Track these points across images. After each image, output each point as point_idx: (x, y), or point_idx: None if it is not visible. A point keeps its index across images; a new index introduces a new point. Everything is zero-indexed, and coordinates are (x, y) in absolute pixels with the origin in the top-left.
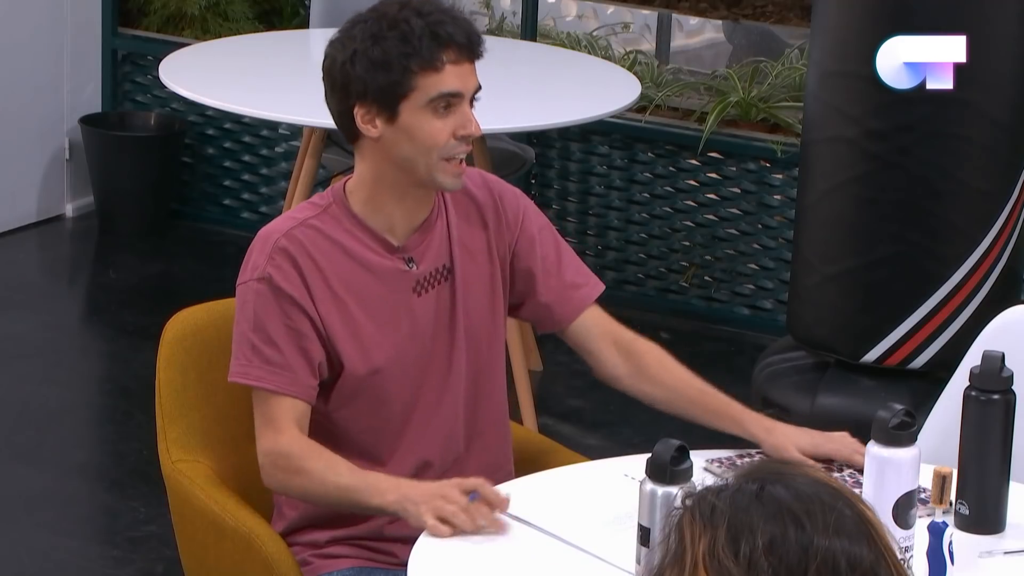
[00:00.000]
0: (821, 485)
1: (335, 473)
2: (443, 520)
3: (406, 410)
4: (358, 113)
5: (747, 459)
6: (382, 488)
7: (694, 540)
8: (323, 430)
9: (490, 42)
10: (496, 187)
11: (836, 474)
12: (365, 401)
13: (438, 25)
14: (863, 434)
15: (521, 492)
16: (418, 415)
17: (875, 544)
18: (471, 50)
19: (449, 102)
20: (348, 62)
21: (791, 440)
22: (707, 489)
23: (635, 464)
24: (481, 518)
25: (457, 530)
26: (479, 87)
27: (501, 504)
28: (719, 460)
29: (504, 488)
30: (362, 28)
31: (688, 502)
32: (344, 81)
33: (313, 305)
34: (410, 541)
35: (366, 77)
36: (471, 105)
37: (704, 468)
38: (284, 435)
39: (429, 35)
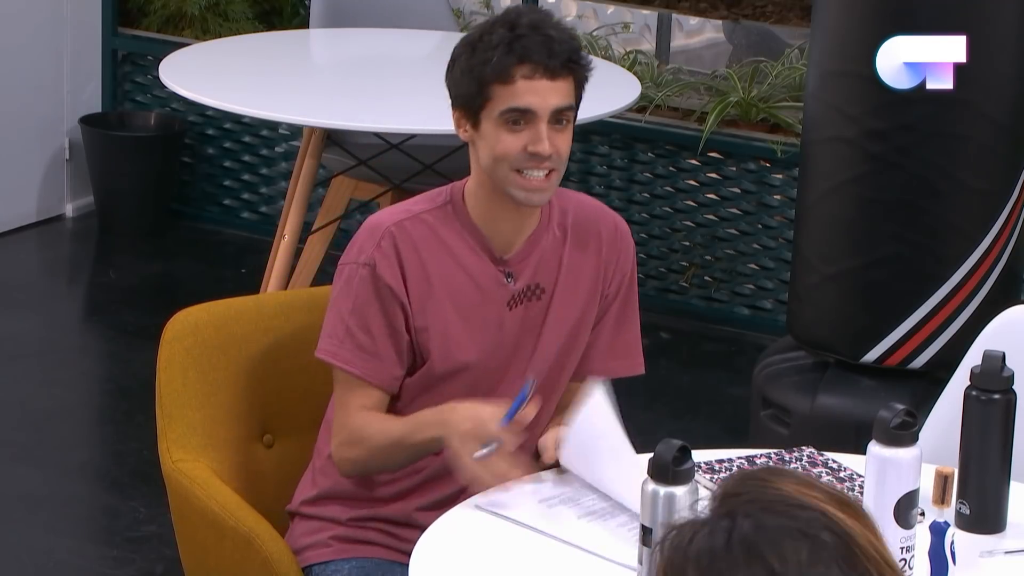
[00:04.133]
0: (796, 507)
1: (388, 430)
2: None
3: None
4: (454, 116)
5: (741, 464)
6: (426, 421)
7: None
8: None
9: None
10: (621, 227)
11: (842, 474)
12: (436, 398)
13: (518, 39)
14: (863, 434)
15: (520, 491)
16: None
17: (857, 562)
18: (550, 68)
19: (521, 117)
20: (450, 68)
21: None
22: (680, 532)
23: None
24: (488, 476)
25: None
26: (567, 107)
27: (518, 437)
28: (710, 464)
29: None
30: (467, 37)
31: (665, 544)
32: (447, 84)
33: (407, 298)
34: None
35: (457, 84)
36: (560, 122)
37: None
38: (351, 416)
39: (505, 48)
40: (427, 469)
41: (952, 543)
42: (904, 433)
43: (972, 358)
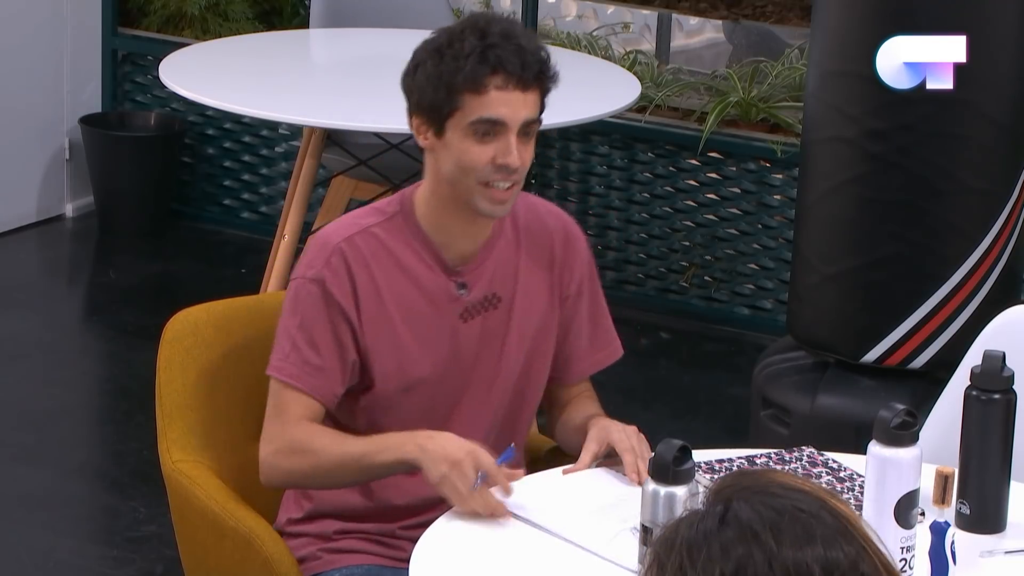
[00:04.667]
0: (792, 491)
1: (343, 444)
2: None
3: (438, 429)
4: (414, 122)
5: (741, 463)
6: (396, 443)
7: None
8: None
9: None
10: (571, 226)
11: (842, 474)
12: (396, 417)
13: (491, 48)
14: (863, 434)
15: (523, 491)
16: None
17: (854, 539)
18: (523, 79)
19: (491, 129)
20: (412, 72)
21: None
22: (672, 526)
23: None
24: (480, 505)
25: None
26: (535, 119)
27: (506, 490)
28: (710, 464)
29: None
30: (432, 41)
31: (657, 538)
32: (408, 89)
33: (358, 316)
34: None
35: (421, 90)
36: (527, 135)
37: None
38: (291, 425)
39: (478, 57)
40: (409, 495)
41: (952, 543)
42: (904, 433)
43: (972, 358)
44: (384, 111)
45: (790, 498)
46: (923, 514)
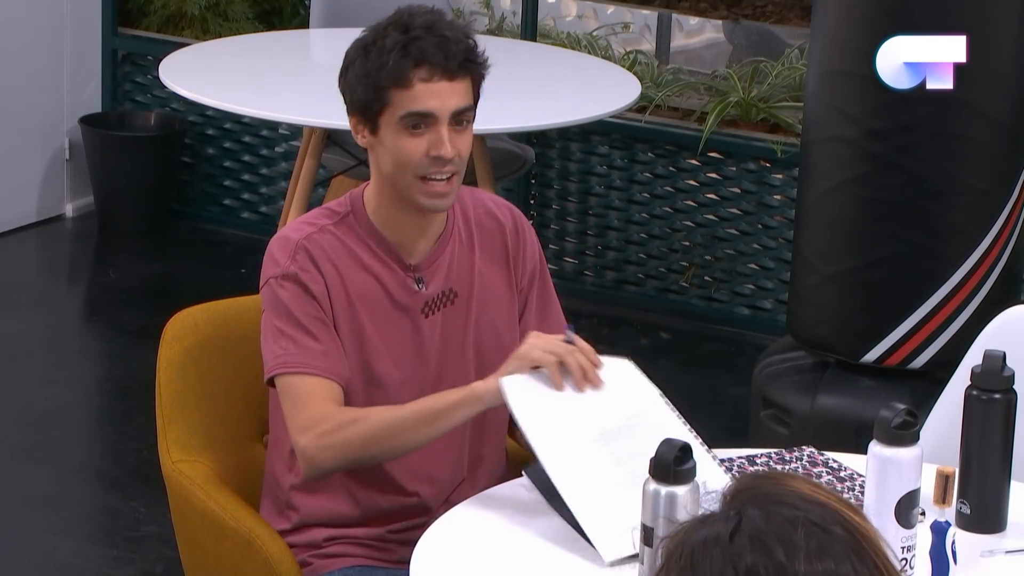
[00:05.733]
0: (808, 502)
1: (395, 406)
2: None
3: None
4: (351, 122)
5: (743, 464)
6: (456, 392)
7: None
8: None
9: (490, 42)
10: (519, 217)
11: (842, 473)
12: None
13: (412, 42)
14: (863, 434)
15: (522, 490)
16: None
17: (868, 558)
18: (448, 69)
19: (421, 121)
20: (344, 72)
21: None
22: (682, 527)
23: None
24: (576, 360)
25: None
26: (467, 107)
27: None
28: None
29: (509, 486)
30: (360, 39)
31: (668, 538)
32: (341, 90)
33: (331, 308)
34: (411, 542)
35: (352, 89)
36: (460, 124)
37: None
38: (327, 406)
39: (400, 51)
40: (396, 500)
41: (953, 543)
42: (905, 433)
43: (972, 358)
44: None
45: (803, 509)
46: (923, 514)
